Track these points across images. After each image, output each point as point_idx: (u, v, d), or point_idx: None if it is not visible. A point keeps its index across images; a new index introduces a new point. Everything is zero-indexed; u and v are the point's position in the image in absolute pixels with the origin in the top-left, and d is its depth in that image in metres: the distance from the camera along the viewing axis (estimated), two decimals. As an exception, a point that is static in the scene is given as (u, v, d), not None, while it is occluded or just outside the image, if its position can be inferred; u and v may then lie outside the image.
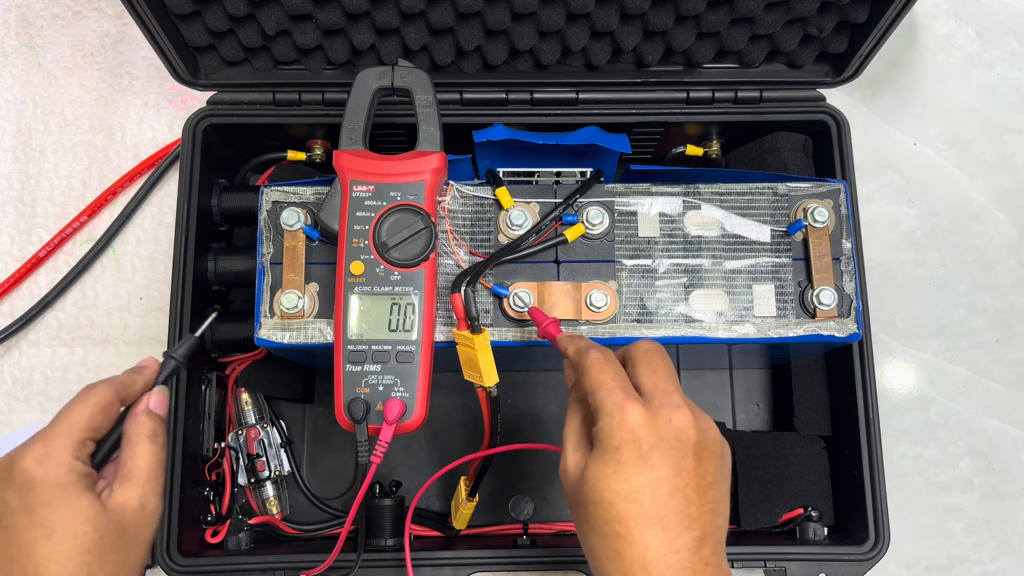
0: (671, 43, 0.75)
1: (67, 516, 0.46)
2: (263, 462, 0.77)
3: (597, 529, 0.49)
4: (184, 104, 0.91)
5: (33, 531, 0.46)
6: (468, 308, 0.59)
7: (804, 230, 0.66)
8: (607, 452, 0.49)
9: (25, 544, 0.46)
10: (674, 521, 0.48)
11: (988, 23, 0.95)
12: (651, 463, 0.48)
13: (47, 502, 0.46)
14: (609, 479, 0.48)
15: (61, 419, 0.49)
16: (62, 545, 0.46)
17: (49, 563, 0.46)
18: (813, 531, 0.74)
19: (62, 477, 0.47)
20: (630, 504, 0.48)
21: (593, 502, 0.49)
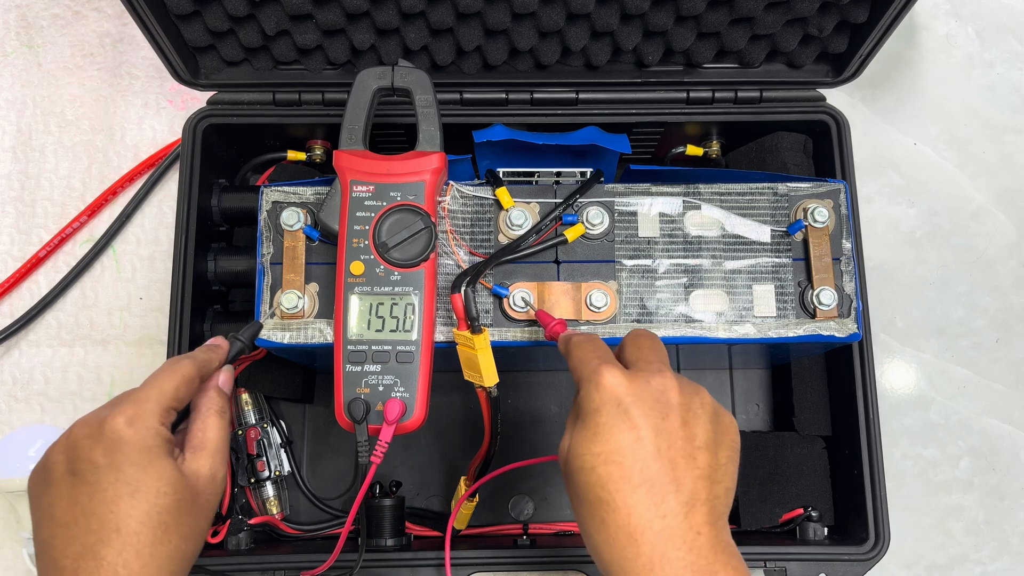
0: (671, 43, 0.75)
1: (151, 477, 0.48)
2: (263, 462, 0.77)
3: (583, 498, 0.47)
4: (184, 104, 0.91)
5: (117, 488, 0.47)
6: (468, 308, 0.59)
7: (804, 230, 0.66)
8: (587, 416, 0.48)
9: (108, 500, 0.47)
10: (659, 484, 0.46)
11: (988, 23, 0.95)
12: (631, 422, 0.47)
13: (134, 462, 0.48)
14: (589, 442, 0.47)
15: (151, 386, 0.51)
16: (144, 504, 0.47)
17: (130, 520, 0.47)
18: (813, 531, 0.74)
19: (149, 440, 0.49)
20: (611, 466, 0.46)
21: (576, 469, 0.47)
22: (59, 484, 0.48)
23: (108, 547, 0.46)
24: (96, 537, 0.46)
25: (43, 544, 0.48)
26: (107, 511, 0.47)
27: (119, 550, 0.46)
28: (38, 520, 0.49)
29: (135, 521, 0.47)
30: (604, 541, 0.46)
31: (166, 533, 0.48)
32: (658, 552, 0.45)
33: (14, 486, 0.76)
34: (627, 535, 0.45)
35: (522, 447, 0.81)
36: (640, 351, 0.52)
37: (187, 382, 0.53)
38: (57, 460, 0.49)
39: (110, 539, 0.46)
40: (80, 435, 0.49)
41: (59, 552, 0.47)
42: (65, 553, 0.46)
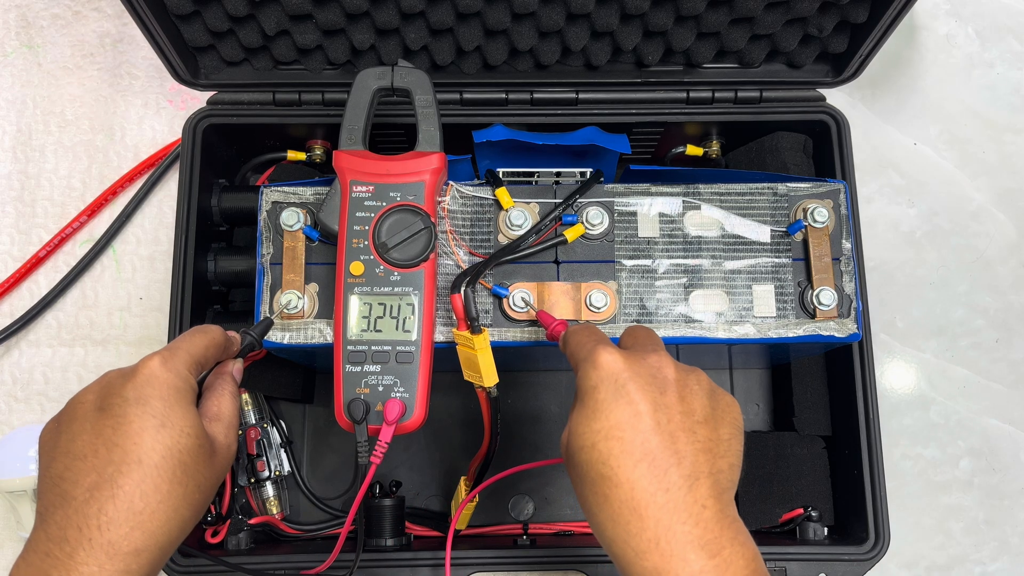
0: (671, 43, 0.75)
1: (178, 414, 0.48)
2: (263, 462, 0.77)
3: (585, 478, 0.47)
4: (184, 104, 0.91)
5: (144, 421, 0.47)
6: (468, 308, 0.59)
7: (804, 230, 0.66)
8: (585, 395, 0.48)
9: (134, 432, 0.47)
10: (660, 457, 0.46)
11: (988, 23, 0.95)
12: (629, 397, 0.47)
13: (163, 397, 0.48)
14: (589, 420, 0.47)
15: (183, 341, 0.53)
16: (167, 439, 0.47)
17: (153, 452, 0.46)
18: (813, 531, 0.74)
19: (179, 382, 0.50)
20: (611, 441, 0.46)
21: (577, 448, 0.47)
22: (83, 419, 0.48)
23: (127, 477, 0.46)
24: (115, 467, 0.46)
25: (52, 479, 0.47)
26: (131, 442, 0.46)
27: (138, 480, 0.46)
28: (50, 458, 0.48)
29: (157, 455, 0.47)
30: (608, 517, 0.46)
31: (184, 474, 0.48)
32: (663, 526, 0.44)
33: (14, 486, 0.76)
34: (631, 509, 0.45)
35: (522, 447, 0.81)
36: (636, 338, 0.53)
37: (215, 346, 0.54)
38: (86, 399, 0.49)
39: (130, 469, 0.46)
40: (113, 375, 0.50)
41: (70, 483, 0.46)
42: (77, 483, 0.45)
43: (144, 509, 0.45)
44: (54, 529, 0.45)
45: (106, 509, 0.45)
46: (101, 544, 0.44)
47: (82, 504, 0.45)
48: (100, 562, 0.44)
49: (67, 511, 0.45)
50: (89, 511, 0.45)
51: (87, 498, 0.45)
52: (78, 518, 0.45)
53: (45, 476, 0.48)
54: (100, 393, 0.49)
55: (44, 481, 0.47)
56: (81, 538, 0.44)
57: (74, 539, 0.44)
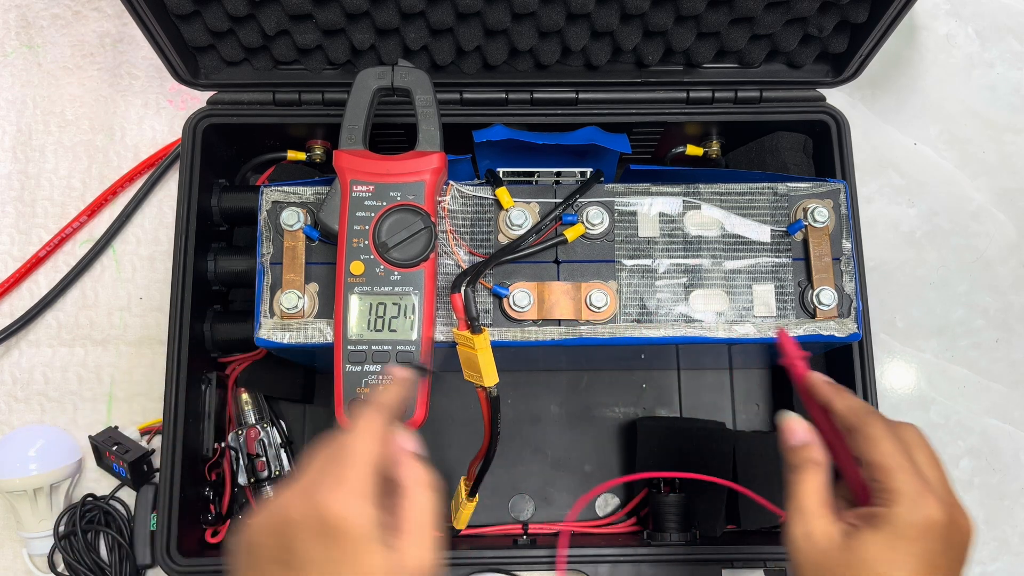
0: (671, 43, 0.75)
1: (370, 572, 0.43)
2: (263, 462, 0.77)
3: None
4: (184, 104, 0.91)
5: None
6: (468, 308, 0.59)
7: (804, 230, 0.66)
8: (900, 540, 0.47)
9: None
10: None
11: (988, 23, 0.95)
12: (936, 564, 0.47)
13: (353, 561, 0.43)
14: (894, 566, 0.47)
15: (355, 460, 0.46)
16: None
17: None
18: (813, 531, 0.74)
19: (366, 530, 0.44)
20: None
21: (866, 571, 0.47)
22: (264, 570, 0.44)
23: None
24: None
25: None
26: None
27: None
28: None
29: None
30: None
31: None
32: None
33: (14, 486, 0.76)
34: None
35: (522, 447, 0.81)
36: (937, 470, 0.51)
37: (384, 443, 0.48)
38: (264, 543, 0.45)
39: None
40: (292, 517, 0.44)
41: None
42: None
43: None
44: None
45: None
46: None
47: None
48: None
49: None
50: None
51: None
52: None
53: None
54: (279, 541, 0.44)
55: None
56: None
57: None
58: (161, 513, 0.69)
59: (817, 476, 0.51)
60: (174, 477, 0.70)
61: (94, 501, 0.78)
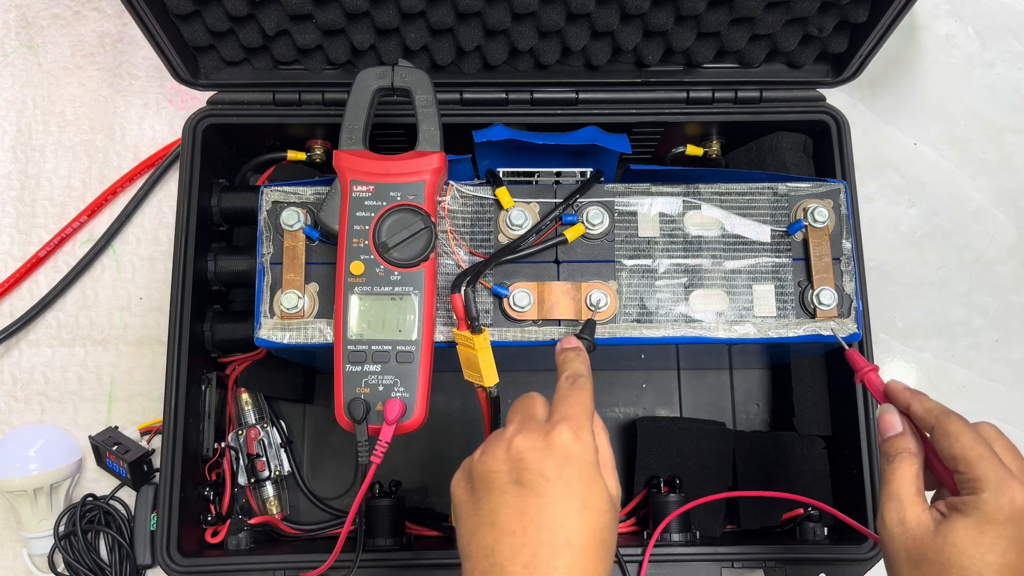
0: (671, 43, 0.75)
1: (595, 492, 0.49)
2: (263, 462, 0.77)
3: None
4: (184, 104, 0.91)
5: (568, 503, 0.47)
6: (468, 308, 0.59)
7: (804, 230, 0.66)
8: (988, 524, 0.49)
9: (560, 514, 0.47)
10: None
11: (988, 23, 0.95)
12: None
13: (582, 476, 0.48)
14: (985, 549, 0.48)
15: (578, 405, 0.51)
16: (590, 519, 0.48)
17: (580, 535, 0.47)
18: (813, 531, 0.74)
19: (591, 455, 0.49)
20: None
21: (958, 566, 0.49)
22: (502, 492, 0.48)
23: (560, 559, 0.46)
24: (548, 549, 0.46)
25: (483, 548, 0.48)
26: (558, 524, 0.47)
27: (570, 563, 0.46)
28: (474, 523, 0.49)
29: (583, 537, 0.47)
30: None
31: (605, 551, 0.48)
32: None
33: (14, 486, 0.76)
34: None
35: (522, 447, 0.81)
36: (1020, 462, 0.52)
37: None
38: (499, 469, 0.49)
39: (562, 552, 0.46)
40: (524, 447, 0.49)
41: (505, 558, 0.47)
42: (513, 559, 0.47)
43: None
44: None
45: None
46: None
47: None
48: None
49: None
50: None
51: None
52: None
53: (472, 540, 0.49)
54: (514, 466, 0.49)
55: (472, 545, 0.49)
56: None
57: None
58: (161, 513, 0.69)
59: (912, 465, 0.54)
60: (174, 477, 0.70)
61: (94, 501, 0.78)
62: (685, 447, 0.76)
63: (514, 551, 0.47)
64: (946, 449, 0.52)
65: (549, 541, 0.47)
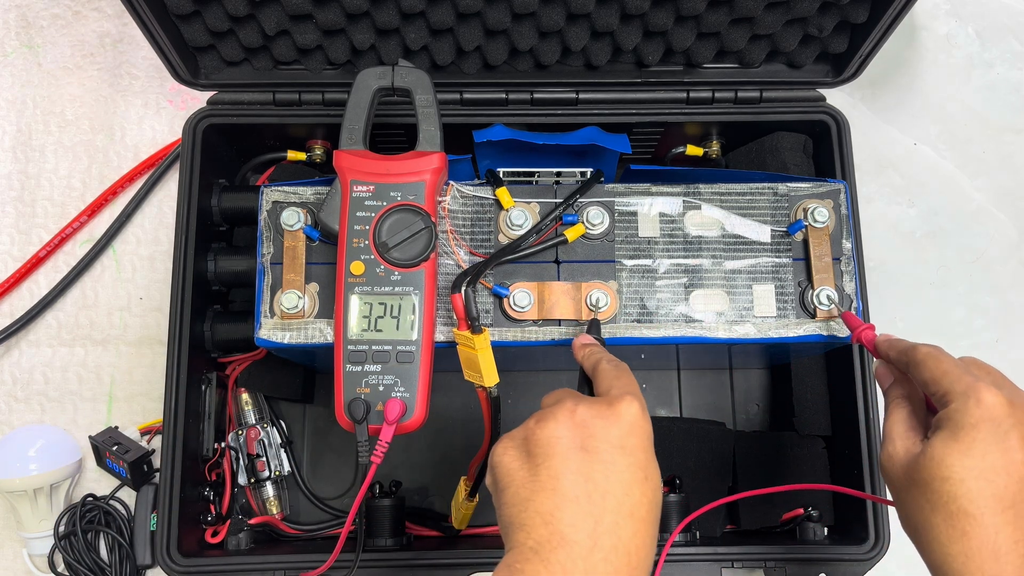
0: (671, 43, 0.75)
1: (653, 467, 0.49)
2: (263, 462, 0.77)
3: (941, 506, 0.48)
4: (184, 104, 0.91)
5: (633, 472, 0.47)
6: (468, 308, 0.59)
7: (804, 230, 0.66)
8: (961, 430, 0.48)
9: (625, 482, 0.47)
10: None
11: (988, 23, 0.95)
12: (1008, 444, 0.48)
13: (645, 448, 0.49)
14: (962, 455, 0.48)
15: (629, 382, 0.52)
16: (651, 492, 0.48)
17: (641, 506, 0.47)
18: (813, 531, 0.74)
19: (651, 430, 0.50)
20: (982, 482, 0.47)
21: (940, 478, 0.48)
22: (566, 458, 0.47)
23: (625, 529, 0.46)
24: (613, 518, 0.46)
25: (541, 514, 0.46)
26: (623, 492, 0.47)
27: (633, 533, 0.46)
28: (530, 490, 0.47)
29: (644, 509, 0.47)
30: (961, 552, 0.47)
31: (656, 525, 0.48)
32: (1021, 572, 0.46)
33: (14, 486, 0.76)
34: (991, 552, 0.47)
35: (522, 447, 0.81)
36: (994, 375, 0.53)
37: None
38: (562, 435, 0.48)
39: (627, 522, 0.46)
40: (590, 415, 0.49)
41: (567, 524, 0.46)
42: (576, 527, 0.45)
43: (639, 563, 0.46)
44: (557, 567, 0.45)
45: (611, 559, 0.45)
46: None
47: (586, 551, 0.45)
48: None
49: (570, 553, 0.45)
50: (594, 558, 0.45)
51: (591, 545, 0.45)
52: (585, 564, 0.45)
53: (528, 507, 0.47)
54: (577, 432, 0.48)
55: (527, 512, 0.47)
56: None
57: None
58: (161, 513, 0.69)
59: (901, 408, 0.55)
60: (174, 477, 0.70)
61: (94, 501, 0.78)
62: (685, 447, 0.77)
63: (577, 518, 0.46)
64: (919, 377, 0.52)
65: (614, 509, 0.46)
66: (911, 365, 0.53)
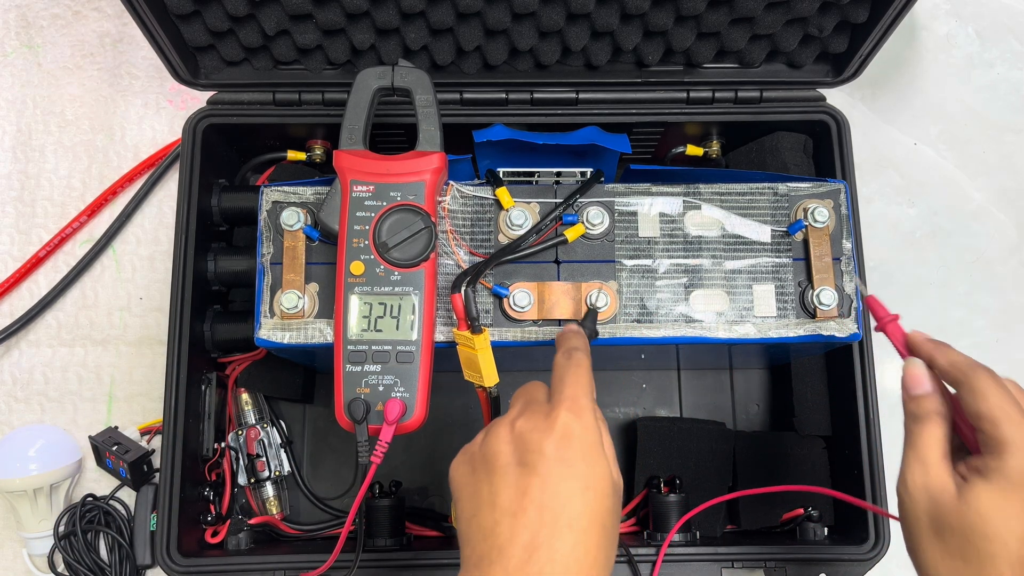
0: (671, 43, 0.75)
1: (598, 474, 0.48)
2: (263, 462, 0.77)
3: (975, 562, 0.47)
4: (184, 104, 0.91)
5: (570, 483, 0.47)
6: (468, 308, 0.59)
7: (804, 230, 0.66)
8: (1012, 490, 0.47)
9: (561, 493, 0.46)
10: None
11: (988, 23, 0.95)
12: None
13: (584, 457, 0.47)
14: (1009, 517, 0.46)
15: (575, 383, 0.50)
16: (593, 502, 0.47)
17: (582, 517, 0.46)
18: (813, 531, 0.74)
19: (593, 435, 0.48)
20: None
21: (981, 535, 0.47)
22: (504, 472, 0.48)
23: (562, 541, 0.45)
24: (549, 531, 0.45)
25: (483, 529, 0.47)
26: (559, 505, 0.46)
27: (572, 546, 0.45)
28: (475, 505, 0.48)
29: (585, 520, 0.46)
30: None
31: (607, 537, 0.47)
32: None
33: (14, 486, 0.76)
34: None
35: (522, 447, 0.81)
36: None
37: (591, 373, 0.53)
38: (501, 449, 0.48)
39: (562, 534, 0.45)
40: (526, 428, 0.48)
41: (505, 539, 0.46)
42: (512, 541, 0.45)
43: (578, 573, 0.45)
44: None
45: (546, 571, 0.45)
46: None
47: (521, 563, 0.45)
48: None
49: (506, 567, 0.45)
50: (529, 571, 0.45)
51: (526, 558, 0.45)
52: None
53: (472, 523, 0.48)
54: (516, 446, 0.48)
55: (471, 528, 0.48)
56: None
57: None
58: (161, 513, 0.69)
59: (940, 427, 0.51)
60: (174, 477, 0.70)
61: (94, 501, 0.78)
62: (685, 447, 0.77)
63: (514, 532, 0.46)
64: (971, 406, 0.49)
65: (550, 522, 0.46)
66: (966, 388, 0.50)
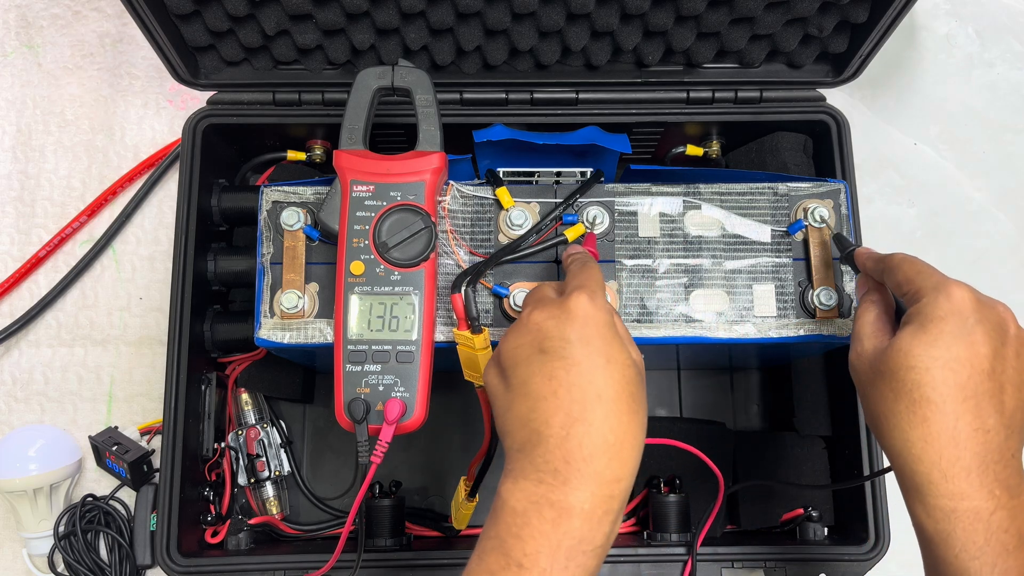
0: (671, 43, 0.75)
1: (617, 347, 0.50)
2: (263, 462, 0.77)
3: (904, 394, 0.50)
4: (184, 104, 0.91)
5: (592, 359, 0.49)
6: (468, 308, 0.59)
7: (804, 230, 0.66)
8: (929, 322, 0.50)
9: (585, 371, 0.49)
10: (987, 402, 0.49)
11: (988, 23, 0.95)
12: (974, 338, 0.49)
13: (601, 335, 0.50)
14: (928, 346, 0.49)
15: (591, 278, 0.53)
16: (616, 373, 0.49)
17: (608, 388, 0.49)
18: (813, 531, 0.74)
19: (607, 316, 0.51)
20: (947, 372, 0.49)
21: (905, 367, 0.50)
22: (529, 362, 0.50)
23: (593, 413, 0.48)
24: (579, 406, 0.48)
25: (519, 419, 0.50)
26: (586, 381, 0.48)
27: (603, 416, 0.48)
28: (508, 400, 0.51)
29: (611, 390, 0.49)
30: (921, 437, 0.49)
31: (635, 402, 0.50)
32: (978, 459, 0.48)
33: (14, 486, 0.76)
34: (950, 438, 0.48)
35: (522, 447, 0.81)
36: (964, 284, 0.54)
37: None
38: (522, 343, 0.51)
39: (593, 406, 0.48)
40: (542, 318, 0.51)
41: (541, 422, 0.48)
42: (549, 423, 0.48)
43: (615, 441, 0.48)
44: (540, 461, 0.48)
45: (585, 444, 0.47)
46: (589, 474, 0.47)
47: (561, 440, 0.48)
48: (591, 489, 0.47)
49: (548, 446, 0.48)
50: (570, 446, 0.47)
51: (564, 435, 0.48)
52: (562, 452, 0.47)
53: (508, 415, 0.50)
54: (535, 336, 0.50)
55: (510, 421, 0.50)
56: (570, 469, 0.47)
57: (564, 470, 0.47)
58: (161, 513, 0.69)
59: (870, 310, 0.56)
60: (174, 477, 0.70)
61: (94, 501, 0.78)
62: (685, 447, 0.76)
63: (548, 415, 0.48)
64: (893, 280, 0.54)
65: (579, 398, 0.48)
66: (886, 271, 0.55)
